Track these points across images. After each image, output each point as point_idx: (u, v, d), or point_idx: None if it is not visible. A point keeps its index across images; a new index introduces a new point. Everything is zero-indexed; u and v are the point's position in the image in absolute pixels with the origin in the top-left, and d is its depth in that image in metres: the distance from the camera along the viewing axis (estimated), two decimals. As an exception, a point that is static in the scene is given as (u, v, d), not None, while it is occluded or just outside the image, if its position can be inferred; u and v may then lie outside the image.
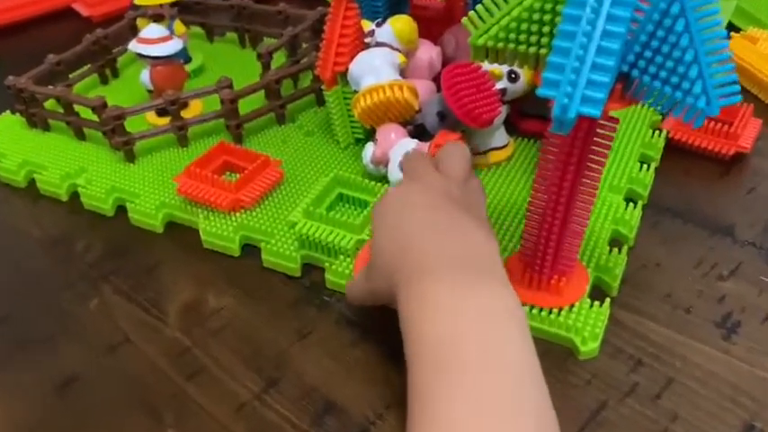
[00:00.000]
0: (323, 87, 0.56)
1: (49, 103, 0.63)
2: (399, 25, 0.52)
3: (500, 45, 0.34)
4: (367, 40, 0.53)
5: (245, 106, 0.59)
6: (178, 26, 0.68)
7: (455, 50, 0.56)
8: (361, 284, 0.40)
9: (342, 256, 0.46)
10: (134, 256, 0.51)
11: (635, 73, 0.32)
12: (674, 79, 0.31)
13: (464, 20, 0.35)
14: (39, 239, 0.54)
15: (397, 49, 0.53)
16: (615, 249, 0.45)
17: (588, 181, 0.38)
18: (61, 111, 0.60)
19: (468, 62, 0.49)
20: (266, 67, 0.62)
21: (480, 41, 0.35)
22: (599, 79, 0.29)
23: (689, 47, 0.30)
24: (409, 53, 0.54)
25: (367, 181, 0.51)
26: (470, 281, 0.34)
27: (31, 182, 0.59)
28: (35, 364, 0.43)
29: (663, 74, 0.31)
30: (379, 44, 0.53)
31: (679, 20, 0.30)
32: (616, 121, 0.36)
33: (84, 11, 0.90)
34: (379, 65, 0.52)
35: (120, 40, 0.72)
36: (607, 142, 0.36)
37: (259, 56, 0.61)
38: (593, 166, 0.37)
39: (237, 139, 0.59)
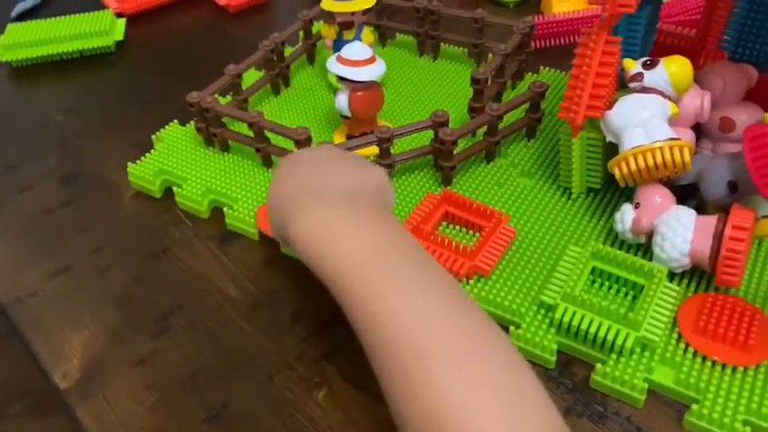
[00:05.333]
0: (563, 133, 0.48)
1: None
2: (675, 69, 0.44)
3: None
4: (632, 85, 0.45)
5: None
6: (366, 35, 0.61)
7: (722, 92, 0.48)
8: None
9: (614, 355, 0.40)
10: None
11: None
12: None
13: None
14: (235, 302, 0.46)
15: (667, 97, 0.44)
16: None
17: None
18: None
19: (770, 124, 0.40)
20: (479, 94, 0.54)
21: None
22: None
23: None
24: (677, 99, 0.45)
25: (630, 258, 0.43)
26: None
27: (214, 210, 0.54)
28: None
29: None
30: (645, 89, 0.45)
31: None
32: None
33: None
34: (649, 117, 0.43)
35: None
36: None
37: (474, 81, 0.53)
38: None
39: (447, 181, 0.52)
